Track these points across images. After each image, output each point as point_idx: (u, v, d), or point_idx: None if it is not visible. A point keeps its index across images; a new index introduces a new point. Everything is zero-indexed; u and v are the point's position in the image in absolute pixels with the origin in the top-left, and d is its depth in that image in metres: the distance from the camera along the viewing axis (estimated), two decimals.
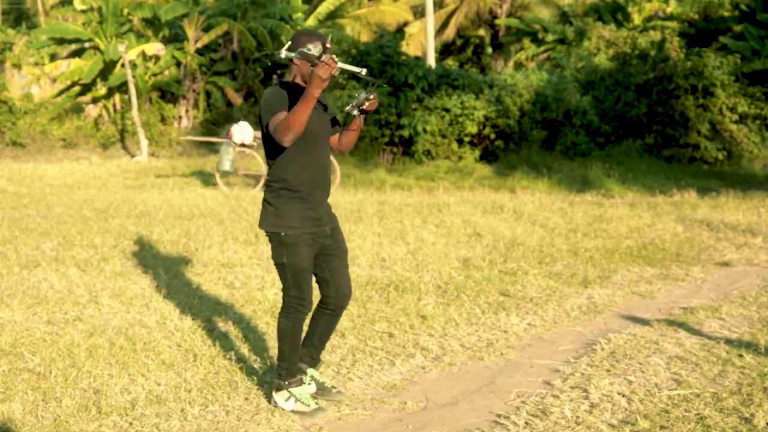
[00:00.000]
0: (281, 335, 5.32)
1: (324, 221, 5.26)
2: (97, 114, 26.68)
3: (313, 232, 5.19)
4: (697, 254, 10.39)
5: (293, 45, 5.10)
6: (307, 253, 5.19)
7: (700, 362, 6.22)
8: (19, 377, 5.87)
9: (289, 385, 5.38)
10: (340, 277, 5.38)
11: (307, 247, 5.18)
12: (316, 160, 5.19)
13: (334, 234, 5.34)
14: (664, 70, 22.73)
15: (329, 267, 5.35)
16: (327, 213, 5.31)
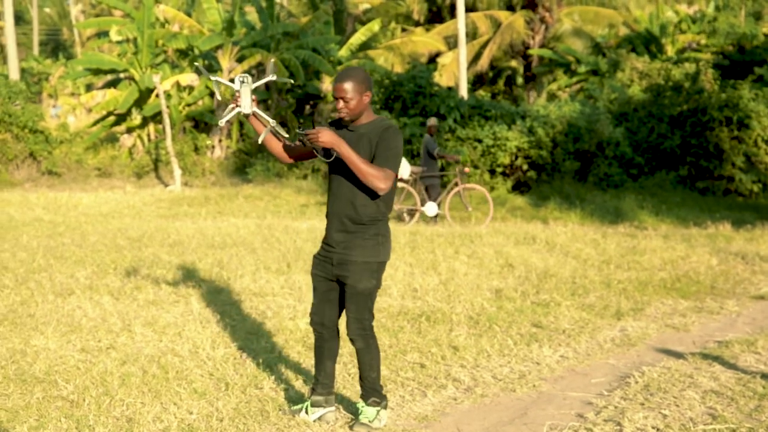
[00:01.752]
0: None
1: (333, 249, 5.41)
2: (131, 143, 26.92)
3: (321, 253, 5.51)
4: (732, 287, 10.29)
5: None
6: (312, 269, 5.55)
7: (736, 397, 6.15)
8: (53, 405, 5.90)
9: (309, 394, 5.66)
10: (345, 310, 5.49)
11: (313, 264, 5.55)
12: (333, 190, 5.42)
13: (340, 266, 5.37)
14: (698, 101, 22.64)
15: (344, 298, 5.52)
16: (340, 244, 5.37)
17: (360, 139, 5.28)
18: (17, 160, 25.24)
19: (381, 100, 22.82)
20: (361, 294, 5.35)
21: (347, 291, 5.38)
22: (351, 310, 5.40)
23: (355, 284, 5.34)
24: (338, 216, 5.36)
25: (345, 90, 5.21)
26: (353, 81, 5.21)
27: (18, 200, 20.15)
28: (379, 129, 5.30)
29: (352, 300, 5.38)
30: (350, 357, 7.18)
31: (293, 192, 21.20)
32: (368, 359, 5.47)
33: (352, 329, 5.42)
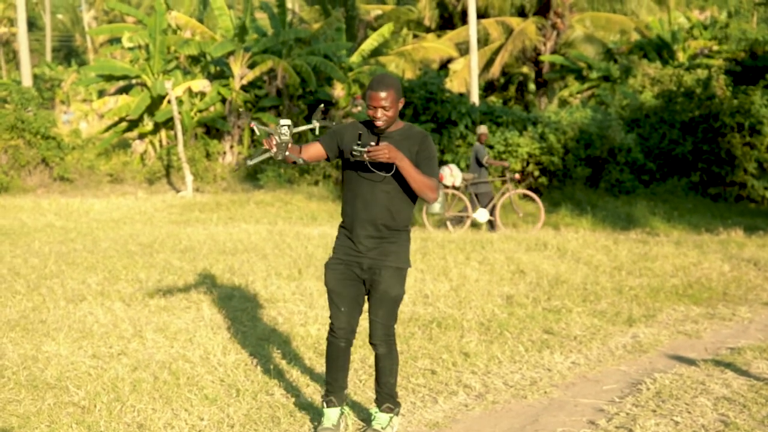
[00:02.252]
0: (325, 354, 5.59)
1: (362, 254, 5.35)
2: (143, 149, 26.98)
3: (343, 258, 5.40)
4: (744, 293, 10.26)
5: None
6: (332, 276, 5.41)
7: (748, 403, 6.12)
8: (64, 411, 5.91)
9: (324, 405, 5.56)
10: (370, 315, 5.45)
11: (332, 270, 5.41)
12: (364, 196, 5.32)
13: (372, 270, 5.35)
14: (710, 107, 22.60)
15: (369, 302, 5.46)
16: (370, 246, 5.34)
17: (399, 146, 5.27)
18: (29, 166, 25.32)
19: None
20: (393, 300, 5.37)
21: (377, 297, 5.36)
22: (379, 315, 5.38)
23: (388, 290, 5.35)
24: (372, 222, 5.32)
25: (384, 99, 5.19)
26: (392, 89, 5.20)
27: (30, 206, 20.22)
28: (416, 137, 5.34)
29: (382, 306, 5.37)
30: (361, 363, 7.18)
31: (304, 198, 21.21)
32: (389, 364, 5.47)
33: (379, 335, 5.40)
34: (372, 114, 5.25)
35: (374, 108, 5.23)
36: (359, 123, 5.42)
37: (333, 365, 5.51)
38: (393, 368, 5.49)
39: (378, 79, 5.24)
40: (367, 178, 5.30)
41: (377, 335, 5.41)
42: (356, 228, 5.35)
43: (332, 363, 5.51)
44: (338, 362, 5.50)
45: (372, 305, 5.41)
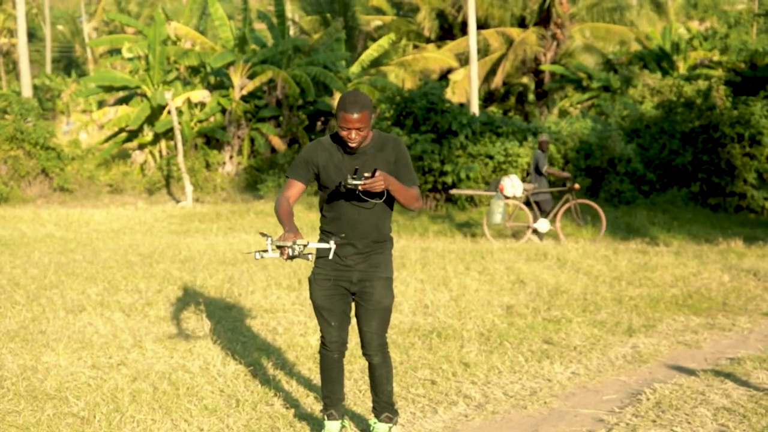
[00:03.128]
0: (319, 368, 5.60)
1: (350, 267, 5.33)
2: (143, 160, 27.02)
3: (330, 274, 5.36)
4: (744, 304, 10.25)
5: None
6: (320, 292, 5.37)
7: (748, 414, 6.12)
8: (64, 422, 5.91)
9: (325, 417, 5.57)
10: (362, 326, 5.42)
11: (319, 287, 5.38)
12: (342, 215, 5.31)
13: (363, 283, 5.34)
14: (710, 118, 22.61)
15: (357, 313, 5.45)
16: (358, 261, 5.33)
17: (374, 159, 5.24)
18: (29, 176, 25.34)
19: (392, 116, 22.85)
20: (386, 309, 5.38)
21: (370, 308, 5.35)
22: (373, 327, 5.37)
23: (381, 300, 5.35)
24: (363, 240, 5.31)
25: (359, 120, 5.08)
26: (366, 110, 5.09)
27: (30, 216, 20.22)
28: (390, 146, 5.29)
29: (375, 317, 5.36)
30: (361, 374, 7.18)
31: (304, 208, 21.21)
32: (385, 372, 5.47)
33: (374, 345, 5.40)
34: (345, 135, 5.13)
35: (348, 130, 5.11)
36: (325, 141, 5.31)
37: (328, 378, 5.52)
38: (389, 376, 5.50)
39: (351, 100, 5.10)
40: (348, 199, 5.26)
41: (372, 346, 5.40)
42: (343, 246, 5.31)
43: (327, 375, 5.51)
44: (333, 374, 5.51)
45: (364, 317, 5.39)
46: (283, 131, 26.84)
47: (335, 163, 5.24)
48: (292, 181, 5.34)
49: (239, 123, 26.56)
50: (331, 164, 5.24)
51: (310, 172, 5.29)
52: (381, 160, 5.24)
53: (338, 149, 5.26)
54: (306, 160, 5.29)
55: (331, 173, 5.25)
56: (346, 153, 5.24)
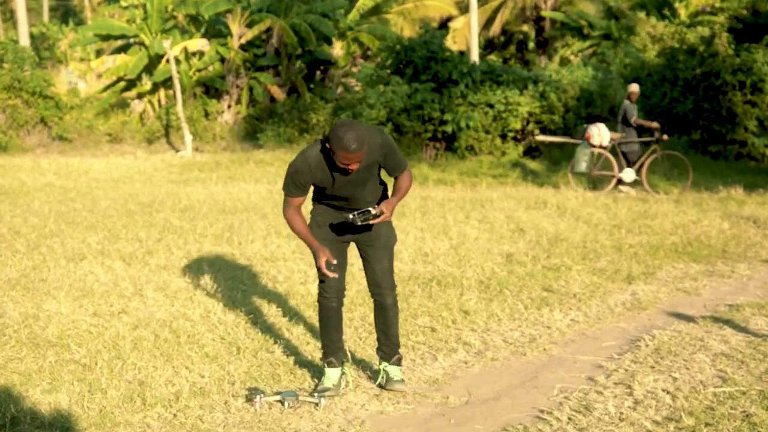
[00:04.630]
0: (318, 316, 5.66)
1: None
2: (142, 109, 26.90)
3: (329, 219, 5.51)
4: (744, 251, 10.27)
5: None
6: (321, 236, 5.46)
7: (746, 359, 6.15)
8: (66, 368, 5.94)
9: (325, 365, 5.62)
10: (374, 267, 5.54)
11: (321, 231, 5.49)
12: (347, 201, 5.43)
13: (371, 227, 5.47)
14: (711, 66, 22.46)
15: (365, 256, 5.56)
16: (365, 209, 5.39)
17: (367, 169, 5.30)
18: (28, 125, 25.24)
19: (392, 65, 22.72)
20: (392, 247, 5.56)
21: (378, 248, 5.49)
22: (384, 265, 5.53)
23: (389, 238, 5.53)
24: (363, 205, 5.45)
25: (361, 156, 5.06)
26: (365, 144, 5.03)
27: (29, 166, 20.19)
28: (376, 149, 5.24)
29: (385, 255, 5.52)
30: (361, 321, 7.21)
31: None
32: (395, 314, 5.64)
33: (387, 285, 5.54)
34: (345, 166, 5.08)
35: (347, 164, 5.06)
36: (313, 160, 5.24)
37: (327, 326, 5.58)
38: (398, 317, 5.67)
39: (352, 137, 4.96)
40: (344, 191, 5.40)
41: (385, 285, 5.54)
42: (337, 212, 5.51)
43: (326, 324, 5.58)
44: (332, 322, 5.57)
45: (374, 258, 5.51)
46: (281, 80, 26.70)
47: (328, 177, 5.28)
48: (291, 198, 5.40)
49: (238, 72, 26.42)
50: (325, 179, 5.29)
51: (306, 187, 5.36)
52: (370, 164, 5.29)
53: (328, 166, 5.23)
54: (299, 182, 5.30)
55: (327, 184, 5.33)
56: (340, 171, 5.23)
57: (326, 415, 5.22)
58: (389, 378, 5.62)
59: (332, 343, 5.59)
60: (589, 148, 15.82)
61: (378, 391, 5.66)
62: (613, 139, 16.06)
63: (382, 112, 21.26)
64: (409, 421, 5.19)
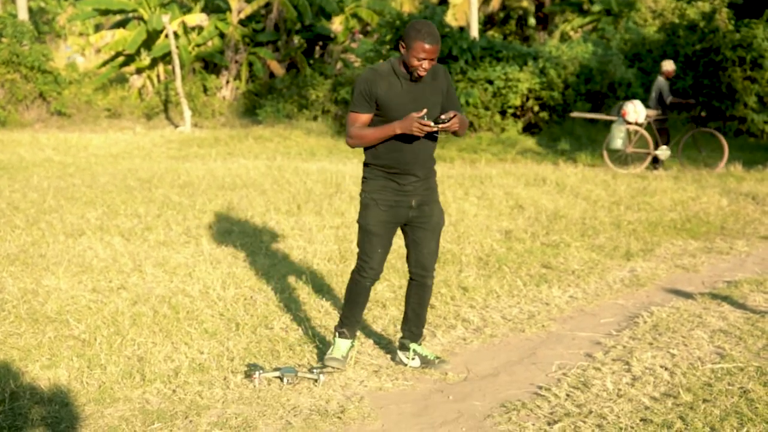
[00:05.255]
0: (346, 289, 5.61)
1: (409, 193, 5.36)
2: (141, 84, 26.82)
3: (389, 200, 5.36)
4: (742, 227, 10.28)
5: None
6: (377, 218, 5.38)
7: (744, 336, 6.17)
8: (65, 344, 5.95)
9: (337, 335, 5.62)
10: (422, 248, 5.52)
11: (378, 212, 5.37)
12: (403, 146, 5.28)
13: (421, 207, 5.42)
14: (712, 41, 22.40)
15: (413, 237, 5.51)
16: (417, 187, 5.37)
17: (431, 87, 5.29)
18: (27, 100, 25.17)
19: (392, 41, 22.65)
20: (440, 230, 5.57)
21: (429, 229, 5.49)
22: (432, 247, 5.54)
23: (439, 221, 5.53)
24: (423, 168, 5.37)
25: (435, 51, 5.08)
26: (440, 43, 5.12)
27: (28, 141, 20.16)
28: (441, 74, 5.34)
29: (434, 238, 5.53)
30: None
31: (303, 133, 21.15)
32: (429, 297, 5.68)
33: (433, 266, 5.59)
34: (417, 65, 5.10)
35: (422, 60, 5.08)
36: (382, 69, 5.25)
37: (354, 302, 5.57)
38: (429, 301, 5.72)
39: (430, 31, 5.06)
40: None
41: (430, 266, 5.56)
42: (404, 174, 5.33)
43: (354, 300, 5.57)
44: (360, 300, 5.56)
45: (423, 239, 5.50)
46: (281, 56, 26.63)
47: (396, 91, 5.22)
48: (358, 115, 5.29)
49: (237, 47, 26.33)
50: (391, 93, 5.22)
51: (372, 101, 5.25)
52: (437, 89, 5.32)
53: (397, 77, 5.23)
54: (366, 93, 5.22)
55: (392, 102, 5.22)
56: (411, 81, 5.22)
57: (325, 391, 5.24)
58: (429, 360, 5.65)
59: (353, 316, 5.60)
60: (624, 125, 15.77)
61: (377, 367, 5.68)
62: (649, 117, 16.00)
63: None
64: (408, 397, 5.21)
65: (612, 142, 15.80)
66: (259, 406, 5.00)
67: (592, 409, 4.90)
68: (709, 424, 4.62)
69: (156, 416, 4.84)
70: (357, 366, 5.68)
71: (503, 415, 4.88)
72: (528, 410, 4.93)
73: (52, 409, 4.90)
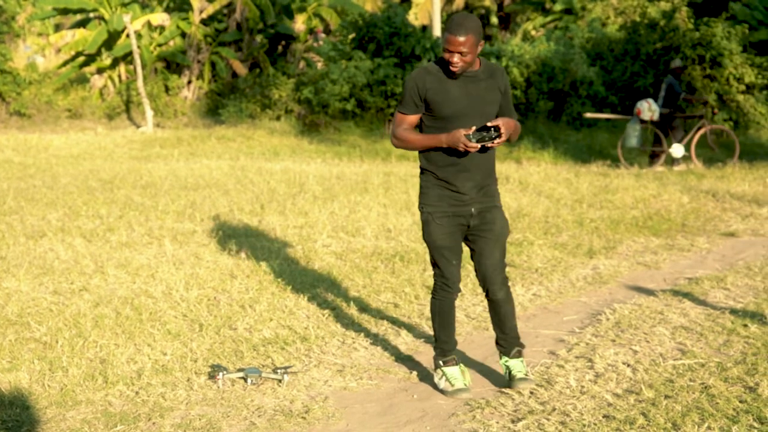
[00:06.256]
0: (431, 314, 5.36)
1: (467, 201, 5.11)
2: (102, 84, 26.61)
3: (447, 210, 5.13)
4: (703, 225, 10.37)
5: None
6: (440, 231, 5.13)
7: (705, 332, 6.22)
8: (26, 347, 5.90)
9: (443, 365, 5.31)
10: (484, 259, 5.20)
11: (439, 225, 5.13)
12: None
13: (483, 214, 5.14)
14: (672, 40, 22.60)
15: (476, 248, 5.23)
16: (476, 193, 5.11)
17: (487, 85, 5.07)
18: None
19: (354, 40, 22.65)
20: (504, 240, 5.24)
21: (492, 239, 5.15)
22: (496, 257, 5.19)
23: (502, 230, 5.19)
24: (481, 172, 5.11)
25: (463, 44, 4.85)
26: (472, 33, 4.86)
27: None
28: (499, 75, 5.12)
29: (497, 247, 5.16)
30: (322, 299, 7.19)
31: (266, 133, 21.09)
32: (511, 307, 5.31)
33: (500, 278, 5.20)
34: (448, 58, 4.91)
35: (451, 53, 4.89)
36: (431, 67, 5.08)
37: (447, 322, 5.32)
38: (514, 310, 5.35)
39: (458, 21, 4.88)
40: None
41: (497, 280, 5.20)
42: (460, 179, 5.08)
43: (446, 320, 5.31)
44: (451, 317, 5.32)
45: (486, 249, 5.19)
46: (243, 55, 26.53)
47: (446, 88, 5.02)
48: (404, 116, 5.12)
49: (199, 47, 26.20)
50: (441, 90, 5.02)
51: (420, 103, 5.07)
52: (493, 87, 5.07)
53: (446, 74, 5.03)
54: (414, 93, 5.05)
55: (443, 99, 5.03)
56: (449, 77, 5.01)
57: (289, 391, 5.22)
58: (512, 375, 5.26)
59: (450, 339, 5.34)
60: (639, 124, 15.87)
61: (341, 366, 5.67)
62: (662, 115, 16.12)
63: (344, 87, 21.21)
64: (373, 396, 5.21)
65: (627, 140, 15.96)
66: (223, 407, 4.98)
67: (556, 406, 4.93)
68: (670, 420, 4.65)
69: (119, 418, 4.81)
70: (321, 366, 5.67)
71: (467, 413, 4.90)
72: (492, 408, 4.95)
73: (13, 412, 4.85)
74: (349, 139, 20.18)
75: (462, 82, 5.03)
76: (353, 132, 20.83)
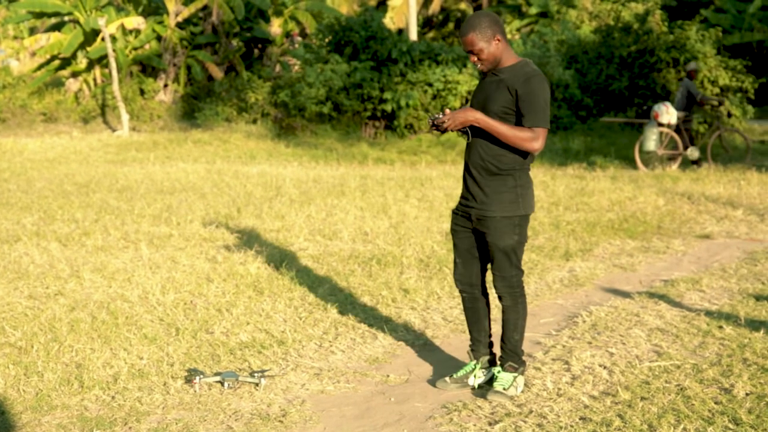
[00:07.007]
0: None
1: (470, 204, 5.12)
2: (77, 88, 26.48)
3: (458, 208, 5.25)
4: (678, 227, 10.43)
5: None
6: (451, 226, 5.29)
7: (681, 334, 6.26)
8: (1, 351, 5.86)
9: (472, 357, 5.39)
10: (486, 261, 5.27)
11: (452, 220, 5.29)
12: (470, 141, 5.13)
13: (479, 223, 5.09)
14: (646, 43, 22.72)
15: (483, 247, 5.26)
16: (477, 197, 5.09)
17: (498, 85, 5.01)
18: None
19: (331, 44, 22.64)
20: (503, 251, 5.08)
21: (490, 240, 5.08)
22: (495, 267, 5.15)
23: (495, 241, 5.06)
24: (475, 167, 5.07)
25: (471, 43, 4.91)
26: (474, 31, 4.90)
27: None
28: (521, 77, 4.95)
29: (496, 250, 5.09)
30: (301, 301, 7.19)
31: (243, 137, 21.04)
32: (513, 318, 5.18)
33: (498, 286, 5.16)
34: (471, 59, 5.06)
35: (468, 52, 5.00)
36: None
37: (469, 318, 5.36)
38: (518, 323, 5.19)
39: (464, 21, 5.00)
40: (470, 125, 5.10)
41: (497, 286, 5.17)
42: (466, 179, 5.14)
43: (465, 315, 5.38)
44: (468, 314, 5.34)
45: (488, 254, 5.19)
46: (219, 59, 26.47)
47: (479, 85, 5.21)
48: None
49: (175, 50, 26.12)
50: (477, 86, 5.21)
51: None
52: (502, 86, 4.98)
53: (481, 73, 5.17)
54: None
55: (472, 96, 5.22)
56: (484, 76, 5.13)
57: (266, 395, 5.21)
58: (492, 384, 5.20)
59: (470, 334, 5.37)
60: (656, 127, 15.93)
61: (318, 369, 5.66)
62: (678, 118, 16.21)
63: (321, 91, 21.21)
64: (350, 399, 5.21)
65: (645, 143, 16.03)
66: (200, 411, 4.97)
67: (533, 408, 4.94)
68: (647, 422, 4.68)
69: (95, 423, 4.78)
70: (298, 369, 5.66)
71: (445, 416, 4.90)
72: (469, 411, 4.95)
73: None
74: (326, 142, 20.18)
75: (488, 79, 5.12)
76: (330, 135, 20.82)
